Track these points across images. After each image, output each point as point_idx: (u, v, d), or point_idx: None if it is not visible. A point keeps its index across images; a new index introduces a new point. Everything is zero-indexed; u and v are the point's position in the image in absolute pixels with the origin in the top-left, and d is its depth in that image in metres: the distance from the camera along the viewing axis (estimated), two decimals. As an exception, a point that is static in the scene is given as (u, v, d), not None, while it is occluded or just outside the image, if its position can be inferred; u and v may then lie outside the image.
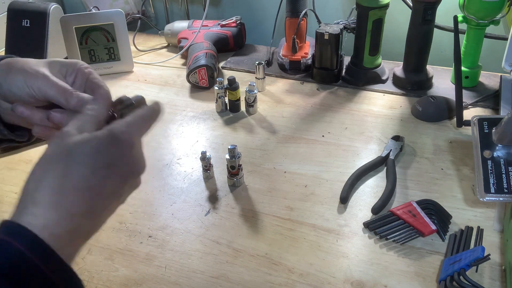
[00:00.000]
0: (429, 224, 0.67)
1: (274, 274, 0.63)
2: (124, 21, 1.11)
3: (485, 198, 0.65)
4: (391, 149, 0.82)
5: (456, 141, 0.86)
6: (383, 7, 0.96)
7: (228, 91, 0.95)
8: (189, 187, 0.79)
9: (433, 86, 1.02)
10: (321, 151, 0.85)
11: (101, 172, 0.41)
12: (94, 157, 0.41)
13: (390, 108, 0.97)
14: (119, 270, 0.65)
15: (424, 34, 0.96)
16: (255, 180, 0.79)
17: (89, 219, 0.42)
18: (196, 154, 0.86)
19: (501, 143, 0.68)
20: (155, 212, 0.74)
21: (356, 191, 0.76)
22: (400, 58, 1.04)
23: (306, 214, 0.72)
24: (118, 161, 0.43)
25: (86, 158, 0.41)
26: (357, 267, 0.63)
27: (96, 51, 1.12)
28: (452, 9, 1.01)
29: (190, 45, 1.12)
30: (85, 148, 0.41)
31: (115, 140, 0.43)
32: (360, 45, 1.01)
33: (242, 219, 0.72)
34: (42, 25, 1.12)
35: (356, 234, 0.68)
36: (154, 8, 1.40)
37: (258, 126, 0.93)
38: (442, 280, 0.59)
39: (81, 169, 0.40)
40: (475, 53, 0.97)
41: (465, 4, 0.92)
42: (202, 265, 0.65)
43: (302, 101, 1.00)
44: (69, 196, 0.40)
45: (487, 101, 0.96)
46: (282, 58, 1.10)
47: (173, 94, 1.06)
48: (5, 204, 0.76)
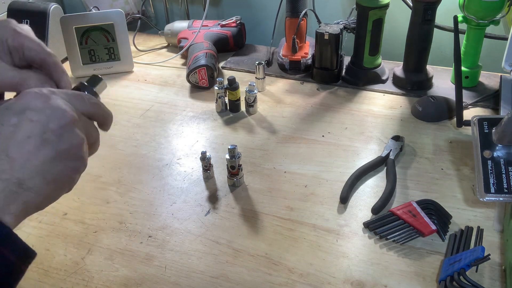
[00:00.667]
0: (429, 224, 0.67)
1: (274, 274, 0.63)
2: (124, 21, 1.11)
3: (485, 198, 0.65)
4: (391, 149, 0.82)
5: (456, 141, 0.86)
6: (383, 7, 0.96)
7: (228, 91, 0.95)
8: (189, 187, 0.79)
9: (433, 86, 1.02)
10: (321, 151, 0.85)
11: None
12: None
13: (390, 108, 0.97)
14: (119, 270, 0.65)
15: (424, 34, 0.96)
16: (255, 180, 0.79)
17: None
18: (196, 154, 0.86)
19: (501, 143, 0.68)
20: (155, 212, 0.74)
21: (356, 191, 0.76)
22: (400, 58, 1.04)
23: (306, 214, 0.72)
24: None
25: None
26: (357, 267, 0.63)
27: (96, 51, 1.12)
28: (452, 9, 1.01)
29: (190, 45, 1.12)
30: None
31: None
32: (360, 45, 1.01)
33: (242, 219, 0.72)
34: (42, 25, 1.12)
35: (356, 234, 0.68)
36: (154, 8, 1.40)
37: (258, 126, 0.93)
38: (442, 280, 0.59)
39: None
40: (475, 53, 0.97)
41: (465, 4, 0.92)
42: (202, 265, 0.65)
43: (302, 101, 1.00)
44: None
45: (487, 101, 0.96)
46: (282, 58, 1.10)
47: (173, 94, 1.06)
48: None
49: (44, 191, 0.41)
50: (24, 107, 0.41)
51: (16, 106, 0.42)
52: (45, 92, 0.43)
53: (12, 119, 0.41)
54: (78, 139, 0.43)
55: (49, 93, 0.43)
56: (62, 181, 0.43)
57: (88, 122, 0.46)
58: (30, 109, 0.41)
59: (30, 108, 0.41)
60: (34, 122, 0.41)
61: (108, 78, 1.12)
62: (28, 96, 0.42)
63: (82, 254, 0.67)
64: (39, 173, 0.40)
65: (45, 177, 0.41)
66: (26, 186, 0.40)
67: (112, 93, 1.06)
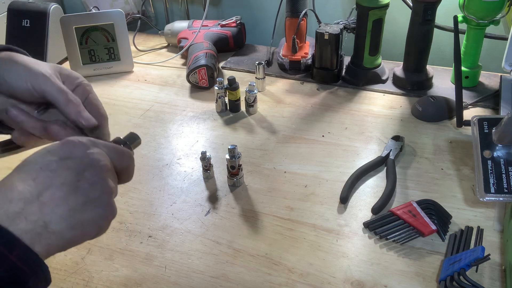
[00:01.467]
0: (429, 224, 0.67)
1: (274, 274, 0.63)
2: (124, 21, 1.11)
3: (485, 198, 0.65)
4: (391, 149, 0.82)
5: (456, 141, 0.86)
6: (383, 7, 0.96)
7: (228, 91, 0.95)
8: (189, 187, 0.79)
9: (433, 86, 1.02)
10: (321, 151, 0.85)
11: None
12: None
13: (390, 108, 0.97)
14: (119, 270, 0.65)
15: (424, 34, 0.96)
16: (255, 180, 0.79)
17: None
18: (196, 154, 0.86)
19: (501, 143, 0.68)
20: (155, 212, 0.74)
21: (356, 191, 0.76)
22: (400, 58, 1.04)
23: (306, 214, 0.72)
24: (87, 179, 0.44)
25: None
26: (357, 267, 0.63)
27: (96, 51, 1.12)
28: (452, 9, 1.01)
29: (190, 45, 1.12)
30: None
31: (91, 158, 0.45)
32: (360, 45, 1.01)
33: (242, 219, 0.72)
34: (42, 25, 1.12)
35: (356, 234, 0.68)
36: (154, 8, 1.40)
37: (258, 126, 0.93)
38: (442, 280, 0.59)
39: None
40: (475, 53, 0.97)
41: (465, 4, 0.92)
42: (202, 265, 0.65)
43: (302, 101, 1.00)
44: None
45: (487, 101, 0.96)
46: (282, 58, 1.10)
47: (173, 94, 1.06)
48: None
49: (68, 235, 0.42)
50: (65, 155, 0.43)
51: (57, 152, 0.43)
52: (85, 141, 0.45)
53: (52, 165, 0.42)
54: (109, 188, 0.45)
55: (89, 143, 0.45)
56: (88, 227, 0.44)
57: (115, 176, 0.49)
58: (70, 158, 0.43)
59: (70, 157, 0.43)
60: (71, 170, 0.43)
61: (108, 78, 1.13)
62: (70, 144, 0.44)
63: (82, 254, 0.67)
64: (65, 219, 0.41)
65: (70, 222, 0.42)
66: (51, 229, 0.41)
67: (112, 93, 1.06)
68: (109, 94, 1.06)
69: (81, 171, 0.43)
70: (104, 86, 1.09)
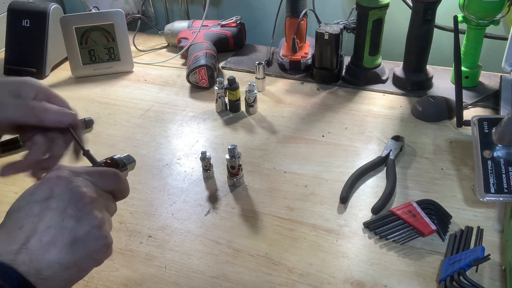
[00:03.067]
0: (429, 224, 0.67)
1: (274, 274, 0.63)
2: (124, 21, 1.11)
3: (485, 198, 0.65)
4: (391, 149, 0.82)
5: (456, 141, 0.86)
6: (383, 7, 0.96)
7: (228, 91, 0.95)
8: (189, 187, 0.79)
9: (433, 86, 1.02)
10: (321, 151, 0.85)
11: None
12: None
13: (390, 108, 0.97)
14: (119, 270, 0.65)
15: (424, 34, 0.96)
16: (255, 180, 0.79)
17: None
18: (196, 154, 0.86)
19: (501, 143, 0.68)
20: (155, 212, 0.74)
21: (356, 191, 0.76)
22: (400, 58, 1.04)
23: (306, 214, 0.72)
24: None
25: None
26: (357, 267, 0.63)
27: (96, 51, 1.12)
28: (452, 9, 1.01)
29: (190, 45, 1.12)
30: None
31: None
32: (360, 45, 1.01)
33: (242, 219, 0.72)
34: (42, 25, 1.12)
35: (356, 234, 0.68)
36: (154, 8, 1.40)
37: (258, 126, 0.93)
38: (442, 280, 0.59)
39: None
40: (475, 53, 0.97)
41: (465, 4, 0.92)
42: (202, 265, 0.65)
43: (302, 101, 1.00)
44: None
45: (487, 101, 0.96)
46: (282, 58, 1.10)
47: (173, 94, 1.06)
48: (5, 204, 0.76)
49: (64, 276, 0.42)
50: (47, 195, 0.43)
51: (39, 193, 0.43)
52: (66, 175, 0.45)
53: (35, 208, 0.42)
54: (97, 220, 0.44)
55: (69, 175, 0.45)
56: (83, 264, 0.43)
57: (108, 197, 0.48)
58: (52, 197, 0.43)
59: (51, 197, 0.43)
60: (54, 210, 0.42)
61: (108, 78, 1.13)
62: (50, 182, 0.44)
63: (82, 254, 0.67)
64: (57, 261, 0.41)
65: (63, 264, 0.41)
66: (44, 276, 0.40)
67: (112, 93, 1.06)
68: (109, 94, 1.06)
69: (64, 210, 0.42)
70: (104, 86, 1.09)
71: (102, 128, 0.95)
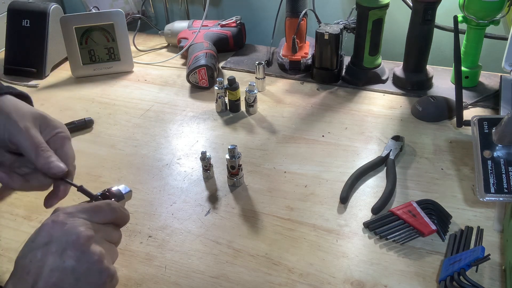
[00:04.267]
0: (429, 224, 0.67)
1: (274, 274, 0.63)
2: (124, 21, 1.11)
3: (485, 198, 0.65)
4: (391, 149, 0.82)
5: (456, 141, 0.86)
6: (383, 7, 0.96)
7: (228, 91, 0.95)
8: (189, 187, 0.79)
9: (433, 86, 1.02)
10: (321, 151, 0.85)
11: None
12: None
13: (390, 108, 0.97)
14: (119, 270, 0.65)
15: (424, 34, 0.96)
16: (255, 180, 0.79)
17: None
18: (196, 154, 0.86)
19: (501, 143, 0.68)
20: (155, 212, 0.74)
21: (356, 191, 0.76)
22: (400, 58, 1.04)
23: (306, 214, 0.72)
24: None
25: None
26: (357, 267, 0.63)
27: (96, 51, 1.12)
28: (452, 9, 1.01)
29: (190, 45, 1.12)
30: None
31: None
32: (360, 45, 1.01)
33: (242, 219, 0.72)
34: (42, 25, 1.12)
35: (356, 234, 0.68)
36: (154, 8, 1.40)
37: (258, 126, 0.93)
38: (442, 280, 0.59)
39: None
40: (475, 53, 0.97)
41: (465, 4, 0.92)
42: (202, 265, 0.65)
43: (302, 101, 1.00)
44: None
45: (487, 101, 0.96)
46: (282, 58, 1.10)
47: (173, 94, 1.06)
48: (5, 204, 0.76)
49: None
50: (46, 240, 0.46)
51: (39, 239, 0.46)
52: (60, 219, 0.47)
53: (38, 253, 0.45)
54: (96, 256, 0.46)
55: (64, 218, 0.47)
56: None
57: (107, 228, 0.51)
58: (51, 242, 0.46)
59: (51, 241, 0.46)
60: (54, 253, 0.45)
61: (108, 78, 1.13)
62: (47, 227, 0.47)
63: (82, 254, 0.67)
64: None
65: None
66: None
67: (112, 93, 1.06)
68: (109, 94, 1.06)
69: (63, 251, 0.45)
70: (104, 86, 1.09)
71: (102, 128, 0.95)
